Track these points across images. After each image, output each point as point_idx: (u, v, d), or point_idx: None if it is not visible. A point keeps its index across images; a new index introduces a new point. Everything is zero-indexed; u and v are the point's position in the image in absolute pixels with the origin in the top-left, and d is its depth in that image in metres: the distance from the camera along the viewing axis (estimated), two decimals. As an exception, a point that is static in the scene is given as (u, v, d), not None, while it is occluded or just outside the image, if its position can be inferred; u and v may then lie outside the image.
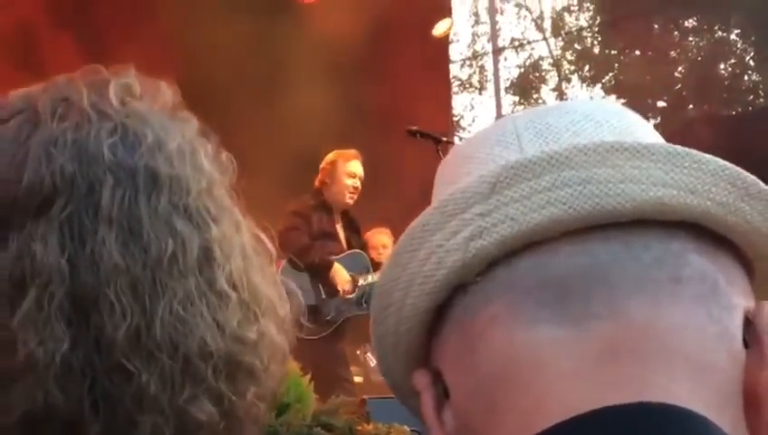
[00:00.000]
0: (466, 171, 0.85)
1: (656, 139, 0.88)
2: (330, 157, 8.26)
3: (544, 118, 0.88)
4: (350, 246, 8.31)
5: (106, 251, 1.11)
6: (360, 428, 5.56)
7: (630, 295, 0.77)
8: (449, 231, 0.81)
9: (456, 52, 25.44)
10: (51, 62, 9.35)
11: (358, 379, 9.09)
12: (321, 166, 8.24)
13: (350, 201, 8.21)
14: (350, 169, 8.16)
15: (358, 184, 8.18)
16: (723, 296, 0.79)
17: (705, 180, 0.80)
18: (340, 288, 7.95)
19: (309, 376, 6.00)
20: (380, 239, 8.97)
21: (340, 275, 7.98)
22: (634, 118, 0.90)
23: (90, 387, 1.09)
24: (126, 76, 1.25)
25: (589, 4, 25.40)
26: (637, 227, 0.79)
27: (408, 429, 5.87)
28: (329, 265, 7.93)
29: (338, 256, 8.06)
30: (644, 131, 0.88)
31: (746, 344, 0.79)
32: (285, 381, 1.29)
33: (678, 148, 0.81)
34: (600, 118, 0.87)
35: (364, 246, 8.52)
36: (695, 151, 0.81)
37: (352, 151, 8.29)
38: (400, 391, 0.93)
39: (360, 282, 8.12)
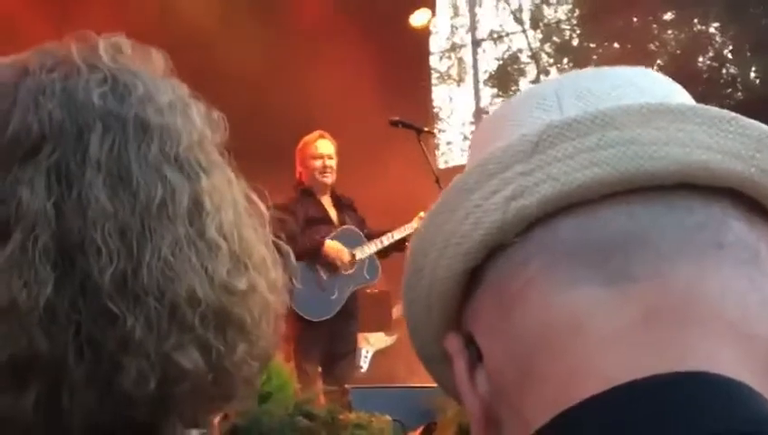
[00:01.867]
0: (506, 132, 0.84)
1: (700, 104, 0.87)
2: (299, 144, 8.46)
3: (584, 83, 0.87)
4: (344, 225, 8.40)
5: (93, 195, 1.11)
6: (342, 416, 5.57)
7: (672, 258, 0.76)
8: (489, 190, 0.79)
9: (435, 44, 25.39)
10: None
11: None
12: (296, 156, 8.43)
13: (326, 180, 8.34)
14: (314, 151, 8.32)
15: (327, 162, 8.32)
16: (765, 264, 0.78)
17: (750, 146, 0.79)
18: (338, 261, 8.05)
19: (291, 364, 5.99)
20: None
21: (334, 248, 8.09)
22: (675, 85, 0.90)
23: (75, 331, 1.09)
24: (116, 37, 1.25)
25: (567, -3, 25.45)
26: (680, 191, 0.78)
27: (390, 418, 5.89)
28: (319, 246, 8.02)
29: (329, 237, 8.16)
30: (684, 97, 0.88)
31: None
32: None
33: (724, 112, 0.79)
34: (642, 83, 0.87)
35: (362, 222, 8.60)
36: (740, 116, 0.80)
37: (316, 133, 8.43)
38: (428, 355, 0.92)
39: (358, 256, 8.21)
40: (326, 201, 8.46)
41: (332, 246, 8.11)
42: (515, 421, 0.78)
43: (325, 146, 8.38)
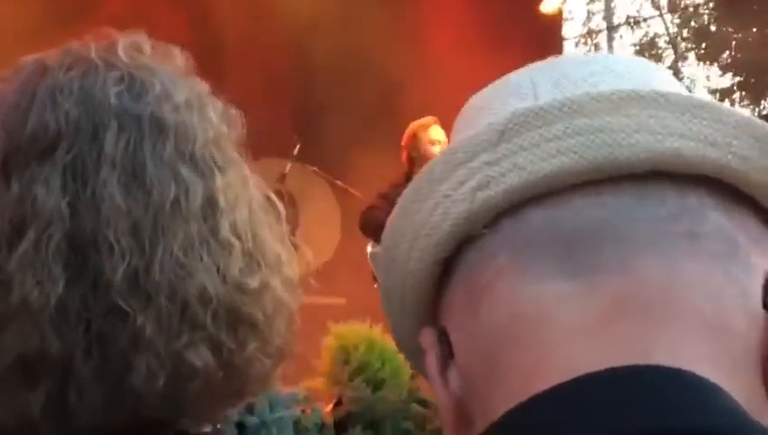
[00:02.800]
0: (478, 121, 0.83)
1: (679, 90, 0.84)
2: (409, 130, 8.13)
3: (562, 68, 0.85)
4: None
5: (107, 193, 1.12)
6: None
7: (643, 250, 0.74)
8: (456, 181, 0.78)
9: (571, 30, 25.14)
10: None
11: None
12: (403, 143, 8.13)
13: None
14: (432, 137, 7.99)
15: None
16: (742, 255, 0.75)
17: (727, 132, 0.76)
18: None
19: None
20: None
21: None
22: (658, 71, 0.87)
23: (85, 329, 1.10)
24: (137, 36, 1.26)
25: (706, -19, 24.93)
26: (652, 180, 0.75)
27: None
28: None
29: None
30: (666, 84, 0.85)
31: (766, 307, 0.75)
32: (380, 357, 1.29)
33: (698, 97, 0.77)
34: (621, 69, 0.84)
35: None
36: (715, 102, 0.77)
37: (430, 118, 8.12)
38: (406, 348, 0.91)
39: None
40: None
41: None
42: (484, 416, 0.77)
43: (440, 132, 8.05)
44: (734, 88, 23.48)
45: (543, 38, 13.48)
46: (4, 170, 1.16)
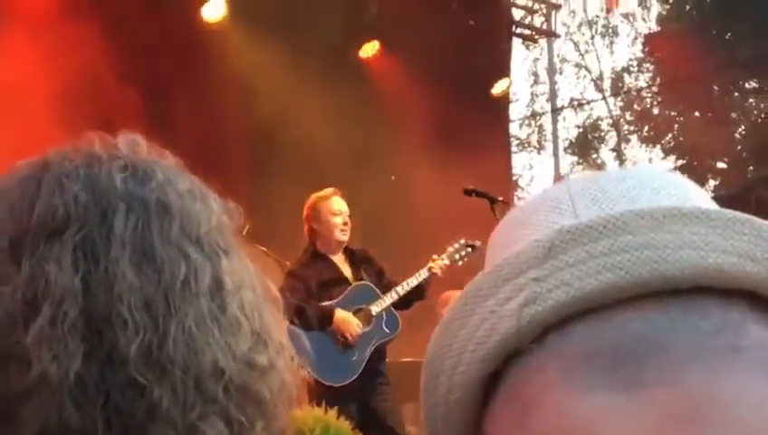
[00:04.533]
0: (520, 237, 0.84)
1: (712, 205, 0.86)
2: (309, 202, 8.04)
3: (599, 184, 0.86)
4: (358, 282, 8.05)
5: (120, 270, 1.14)
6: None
7: (688, 364, 0.75)
8: (503, 296, 0.79)
9: (516, 111, 25.43)
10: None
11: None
12: (304, 216, 8.02)
13: (344, 237, 7.92)
14: (334, 208, 7.91)
15: (346, 219, 7.91)
16: None
17: (766, 247, 0.78)
18: (348, 336, 7.72)
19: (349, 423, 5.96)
20: None
21: (344, 321, 7.74)
22: (691, 185, 0.88)
23: (103, 402, 1.11)
24: (133, 135, 1.29)
25: (648, 65, 25.35)
26: (694, 295, 0.76)
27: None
28: (330, 316, 7.71)
29: (339, 299, 7.81)
30: (701, 198, 0.87)
31: None
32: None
33: (737, 214, 0.79)
34: (657, 185, 0.86)
35: (380, 272, 8.19)
36: (754, 218, 0.79)
37: (330, 190, 8.06)
38: None
39: (374, 310, 7.87)
40: (339, 259, 8.07)
41: (339, 317, 7.75)
42: None
43: (341, 202, 8.01)
44: (677, 171, 23.82)
45: (491, 120, 13.65)
46: (14, 253, 1.15)
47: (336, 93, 10.92)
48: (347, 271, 7.95)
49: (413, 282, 7.97)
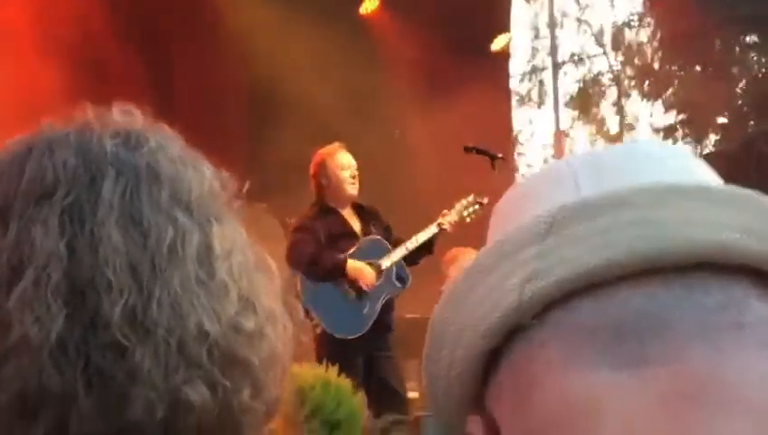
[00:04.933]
0: (523, 211, 0.84)
1: (715, 180, 0.86)
2: (316, 158, 8.10)
3: (602, 159, 0.86)
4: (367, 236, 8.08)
5: (105, 233, 1.14)
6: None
7: (692, 341, 0.75)
8: (504, 272, 0.79)
9: (516, 66, 25.33)
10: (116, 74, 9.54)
11: (413, 394, 8.92)
12: (312, 172, 8.08)
13: (354, 192, 8.02)
14: (341, 162, 7.99)
15: (355, 172, 7.99)
16: None
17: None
18: (363, 285, 7.75)
19: (361, 392, 6.00)
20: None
21: (358, 269, 7.78)
22: (695, 160, 0.88)
23: (84, 364, 1.11)
24: (128, 106, 1.30)
25: (649, 20, 25.22)
26: (697, 271, 0.77)
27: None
28: (343, 267, 7.73)
29: (350, 252, 7.85)
30: (705, 173, 0.86)
31: None
32: (336, 398, 1.32)
33: (740, 190, 0.79)
34: (660, 159, 0.86)
35: (388, 229, 8.26)
36: (757, 194, 0.79)
37: (335, 145, 8.13)
38: (450, 431, 0.91)
39: (385, 265, 7.91)
40: (347, 214, 8.12)
41: (354, 266, 7.77)
42: None
43: (348, 157, 8.07)
44: (677, 126, 23.75)
45: (492, 75, 13.61)
46: (2, 217, 1.17)
47: (336, 49, 10.91)
48: (356, 225, 8.02)
49: (422, 237, 8.02)
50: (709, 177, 0.86)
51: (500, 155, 8.23)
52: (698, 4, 18.94)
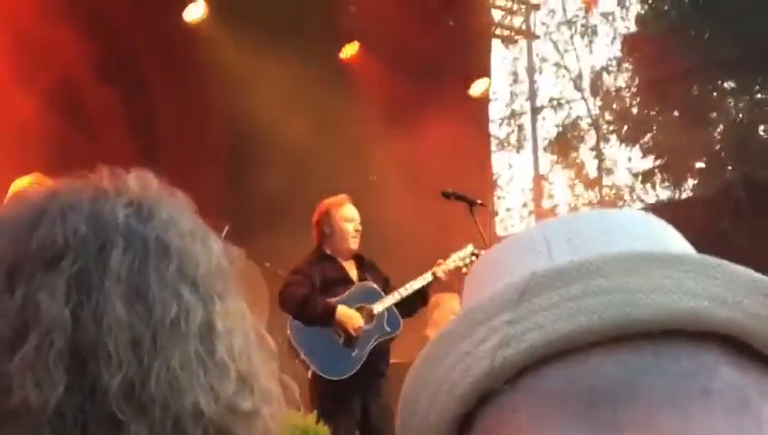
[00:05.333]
0: (495, 278, 0.85)
1: (686, 248, 0.87)
2: (321, 207, 8.14)
3: (575, 226, 0.87)
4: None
5: (110, 305, 1.15)
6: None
7: (662, 407, 0.76)
8: (477, 338, 0.80)
9: (495, 110, 25.44)
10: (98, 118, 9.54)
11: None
12: (315, 220, 8.12)
13: (354, 245, 8.07)
14: (346, 214, 8.05)
15: (358, 227, 8.05)
16: (754, 409, 0.77)
17: (737, 292, 0.79)
18: (350, 329, 7.75)
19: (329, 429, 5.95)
20: (452, 305, 8.30)
21: (346, 315, 7.78)
22: (665, 228, 0.89)
23: (80, 433, 1.11)
24: (144, 173, 1.30)
25: (627, 65, 25.41)
26: (667, 338, 0.77)
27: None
28: (332, 311, 7.73)
29: (342, 297, 7.87)
30: (676, 241, 0.88)
31: None
32: None
33: (709, 258, 0.80)
34: (632, 227, 0.87)
35: (386, 280, 8.28)
36: (726, 262, 0.80)
37: (342, 196, 8.19)
38: None
39: (377, 310, 7.92)
40: (347, 263, 8.16)
41: (342, 312, 7.77)
42: None
43: (353, 210, 8.14)
44: (655, 171, 23.87)
45: (471, 119, 13.66)
46: (9, 280, 1.17)
47: (317, 94, 10.93)
48: (353, 273, 8.08)
49: (416, 284, 8.02)
50: (681, 245, 0.87)
51: (479, 201, 8.22)
52: (676, 49, 19.11)
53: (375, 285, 8.13)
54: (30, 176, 5.80)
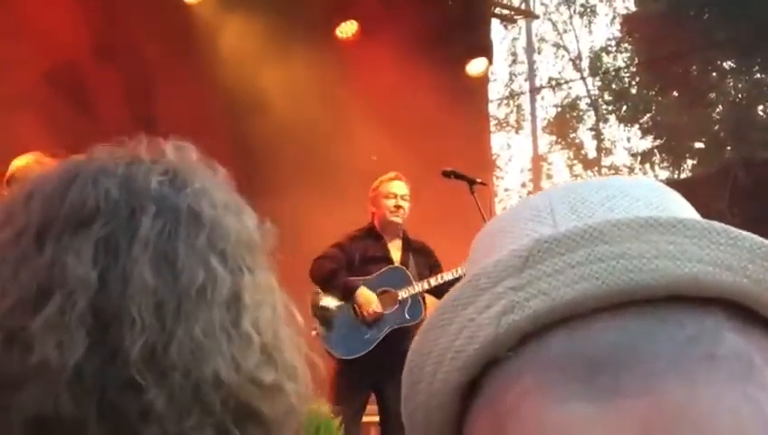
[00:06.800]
0: (500, 245, 0.84)
1: (691, 214, 0.87)
2: (373, 185, 8.15)
3: (579, 193, 0.87)
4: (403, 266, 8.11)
5: (137, 269, 1.14)
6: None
7: (664, 374, 0.75)
8: (481, 305, 0.80)
9: (494, 91, 25.42)
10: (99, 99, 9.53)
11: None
12: (369, 196, 8.17)
13: (396, 219, 7.96)
14: (387, 190, 7.98)
15: (400, 202, 7.97)
16: (758, 375, 0.77)
17: (742, 257, 0.78)
18: (365, 312, 7.73)
19: (339, 419, 5.96)
20: None
21: (364, 296, 7.77)
22: (670, 194, 0.89)
23: (99, 397, 1.11)
24: (184, 144, 1.29)
25: (627, 45, 25.38)
26: (671, 304, 0.77)
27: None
28: (352, 291, 7.76)
29: (370, 277, 7.85)
30: (680, 207, 0.87)
31: None
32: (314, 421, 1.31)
33: (714, 224, 0.79)
34: (636, 193, 0.86)
35: (433, 266, 8.20)
36: (731, 228, 0.80)
37: (391, 174, 8.17)
38: None
39: (401, 295, 7.89)
40: (394, 243, 8.12)
41: (361, 293, 7.76)
42: None
43: (399, 186, 8.06)
44: (654, 151, 23.90)
45: (470, 100, 13.64)
46: (39, 238, 1.17)
47: (316, 73, 10.90)
48: (396, 254, 8.02)
49: (448, 276, 7.96)
50: (684, 210, 0.87)
51: (479, 180, 8.19)
52: (675, 29, 19.07)
53: (406, 270, 8.07)
54: (29, 155, 5.77)
